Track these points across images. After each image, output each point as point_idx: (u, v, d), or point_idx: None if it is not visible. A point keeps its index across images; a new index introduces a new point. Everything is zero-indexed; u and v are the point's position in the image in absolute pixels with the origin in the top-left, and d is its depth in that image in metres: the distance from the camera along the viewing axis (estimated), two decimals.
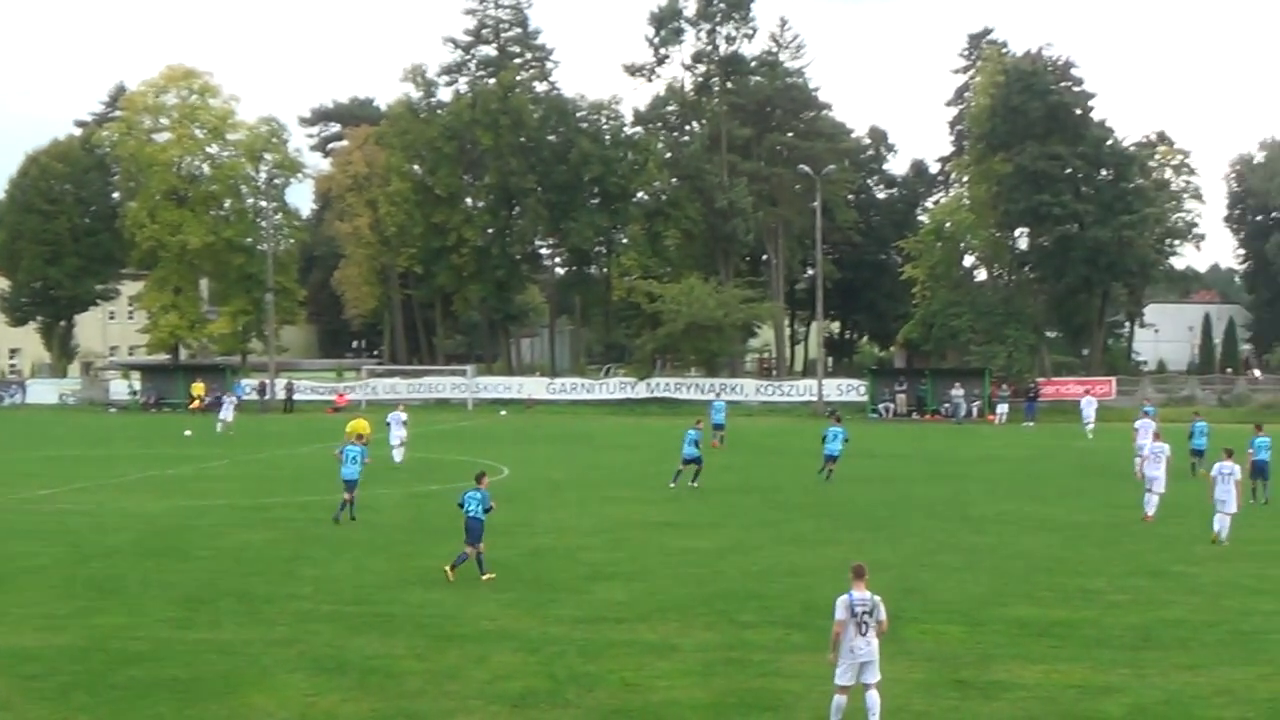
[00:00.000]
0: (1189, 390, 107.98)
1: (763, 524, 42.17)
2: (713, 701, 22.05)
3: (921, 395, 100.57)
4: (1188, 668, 24.25)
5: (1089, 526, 42.23)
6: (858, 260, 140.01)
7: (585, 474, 56.95)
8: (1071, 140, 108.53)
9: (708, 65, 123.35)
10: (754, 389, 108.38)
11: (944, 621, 27.98)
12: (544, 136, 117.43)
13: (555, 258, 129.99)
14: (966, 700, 22.27)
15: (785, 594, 30.70)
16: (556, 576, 32.71)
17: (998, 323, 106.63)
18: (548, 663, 24.30)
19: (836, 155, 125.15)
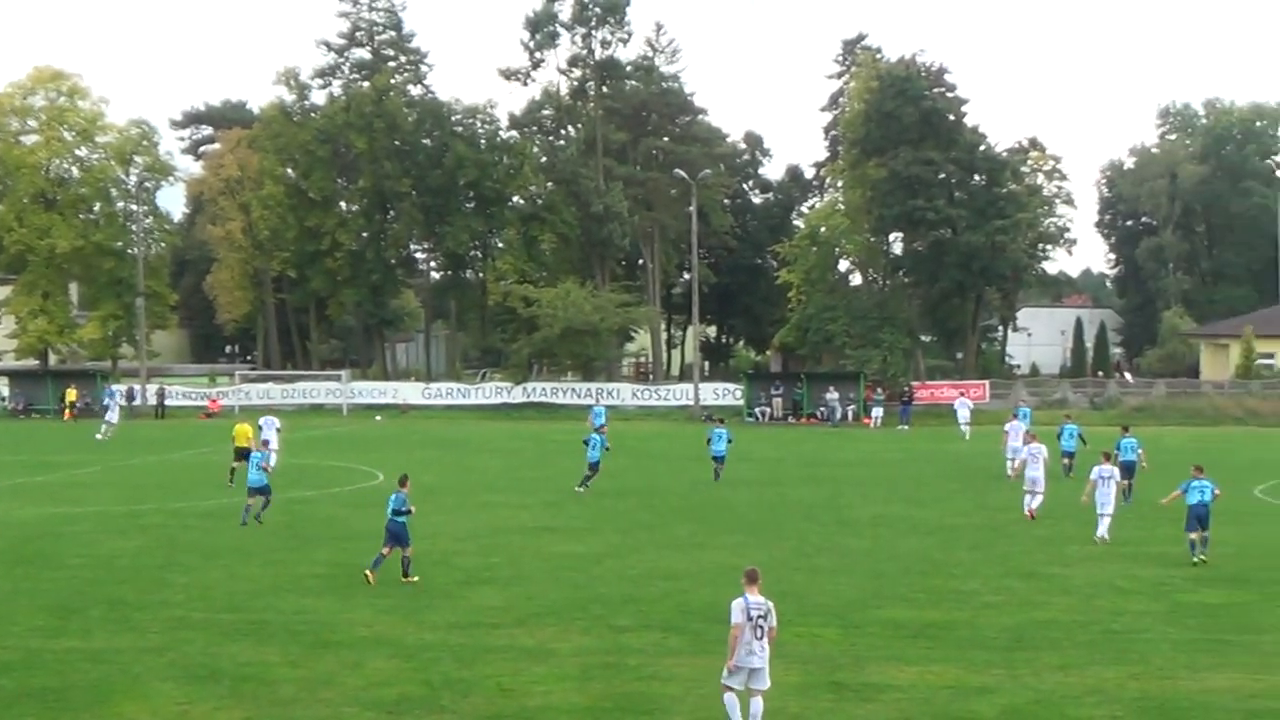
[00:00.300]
0: (1061, 393, 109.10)
1: (640, 528, 42.27)
2: (589, 706, 22.12)
3: (797, 399, 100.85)
4: (1060, 668, 24.58)
5: (963, 529, 42.62)
6: (733, 265, 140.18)
7: (461, 479, 56.82)
8: (945, 146, 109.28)
9: (583, 69, 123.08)
10: (630, 393, 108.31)
11: (819, 624, 28.17)
12: (419, 140, 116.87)
13: (430, 262, 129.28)
14: (842, 702, 22.44)
15: (662, 598, 30.81)
16: (432, 582, 32.62)
17: (872, 327, 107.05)
18: (423, 669, 24.29)
19: (712, 160, 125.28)
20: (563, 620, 28.39)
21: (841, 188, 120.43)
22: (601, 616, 28.78)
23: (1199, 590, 32.45)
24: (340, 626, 27.71)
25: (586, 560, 35.92)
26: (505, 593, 31.41)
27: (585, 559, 36.14)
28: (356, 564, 34.75)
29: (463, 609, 29.57)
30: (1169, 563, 36.13)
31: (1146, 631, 27.95)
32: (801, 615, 29.03)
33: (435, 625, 27.90)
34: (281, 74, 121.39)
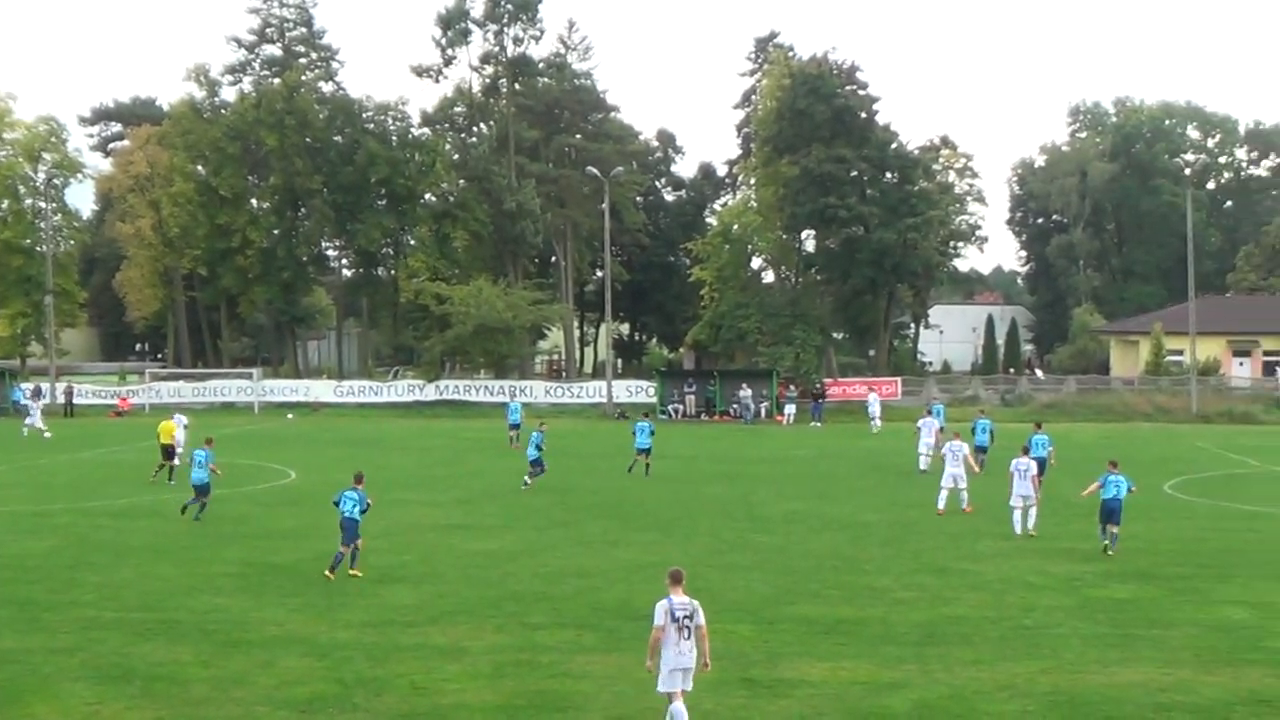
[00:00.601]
0: (973, 390, 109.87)
1: (553, 526, 42.23)
2: (502, 704, 22.07)
3: (710, 396, 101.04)
4: (971, 663, 24.71)
5: (875, 525, 42.77)
6: (646, 262, 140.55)
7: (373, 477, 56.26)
8: (857, 144, 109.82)
9: (495, 67, 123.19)
10: (543, 390, 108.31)
11: (733, 621, 28.21)
12: (330, 137, 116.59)
13: (342, 259, 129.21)
14: (755, 698, 22.49)
15: (575, 596, 30.79)
16: (344, 580, 32.45)
17: (785, 324, 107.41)
18: (336, 667, 24.19)
19: (625, 157, 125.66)
20: (476, 618, 28.32)
21: (754, 185, 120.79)
22: (515, 614, 28.72)
23: (1108, 585, 32.72)
24: (252, 625, 27.56)
25: (500, 558, 35.85)
26: (418, 591, 31.32)
27: (499, 556, 36.07)
28: (269, 562, 34.66)
29: (375, 607, 29.45)
30: (1079, 558, 36.41)
31: (1057, 627, 28.14)
32: (715, 612, 28.92)
33: (348, 624, 27.78)
34: (191, 70, 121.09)
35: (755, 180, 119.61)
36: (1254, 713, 22.14)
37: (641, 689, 22.94)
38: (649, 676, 23.53)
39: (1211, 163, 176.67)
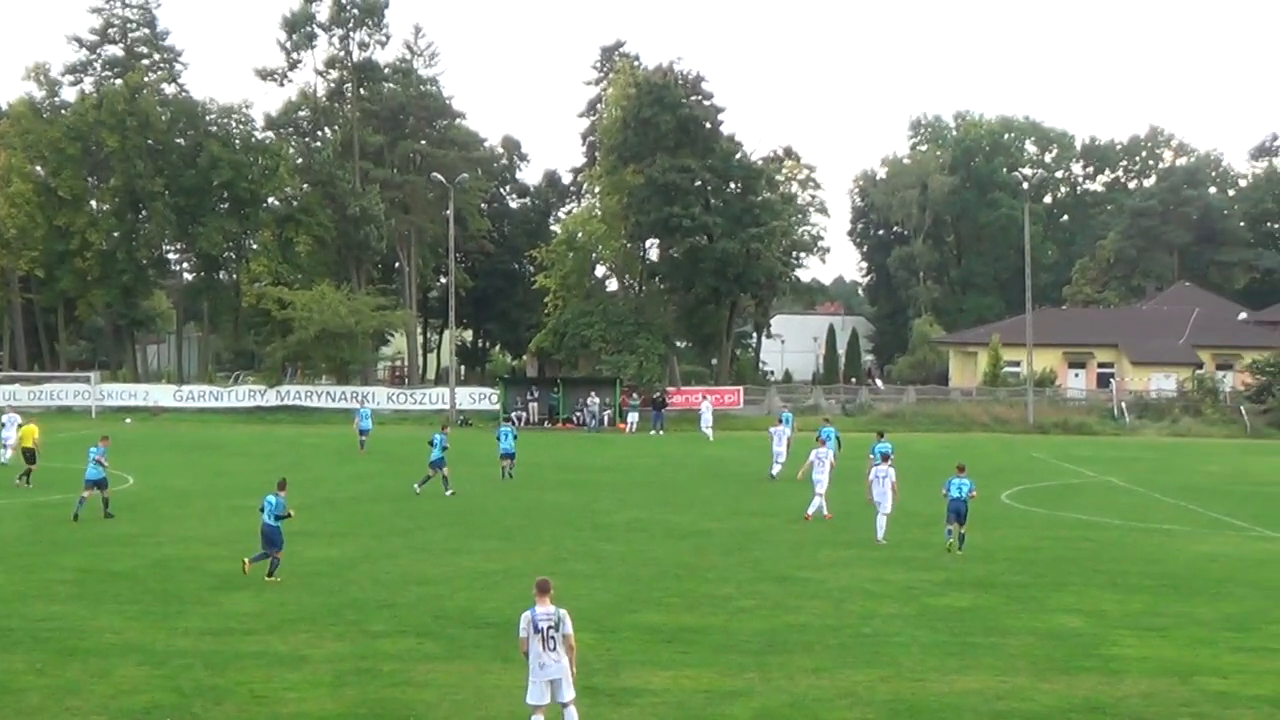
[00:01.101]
0: (814, 400, 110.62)
1: (395, 533, 42.02)
2: (343, 712, 21.94)
3: (553, 404, 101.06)
4: (812, 671, 24.85)
5: (717, 534, 42.92)
6: (490, 269, 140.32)
7: (213, 483, 56.07)
8: (701, 154, 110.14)
9: (341, 71, 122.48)
10: (386, 397, 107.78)
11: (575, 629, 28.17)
12: (172, 140, 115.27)
13: (184, 263, 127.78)
14: (597, 706, 22.45)
15: (417, 603, 30.65)
16: (183, 588, 32.15)
17: (629, 332, 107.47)
18: (173, 676, 23.89)
19: (470, 164, 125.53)
20: (317, 626, 28.11)
21: (598, 194, 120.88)
22: (356, 622, 28.55)
23: (947, 594, 33.05)
24: (88, 633, 27.16)
25: (341, 565, 35.62)
26: (258, 598, 31.02)
27: (339, 564, 35.83)
28: (106, 569, 34.23)
29: (215, 615, 29.16)
30: (918, 567, 36.78)
31: (897, 635, 28.38)
32: None
33: (186, 631, 27.46)
34: (31, 70, 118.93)
35: (600, 188, 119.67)
36: (1088, 719, 22.45)
37: (483, 697, 22.93)
38: (491, 684, 23.68)
39: (1049, 177, 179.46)
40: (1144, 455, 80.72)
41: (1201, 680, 25.15)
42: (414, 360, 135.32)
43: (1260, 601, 33.19)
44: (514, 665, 24.79)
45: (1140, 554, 40.64)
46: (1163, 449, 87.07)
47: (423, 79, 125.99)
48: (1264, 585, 35.48)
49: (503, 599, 31.28)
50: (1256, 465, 74.97)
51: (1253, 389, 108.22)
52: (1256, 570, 38.02)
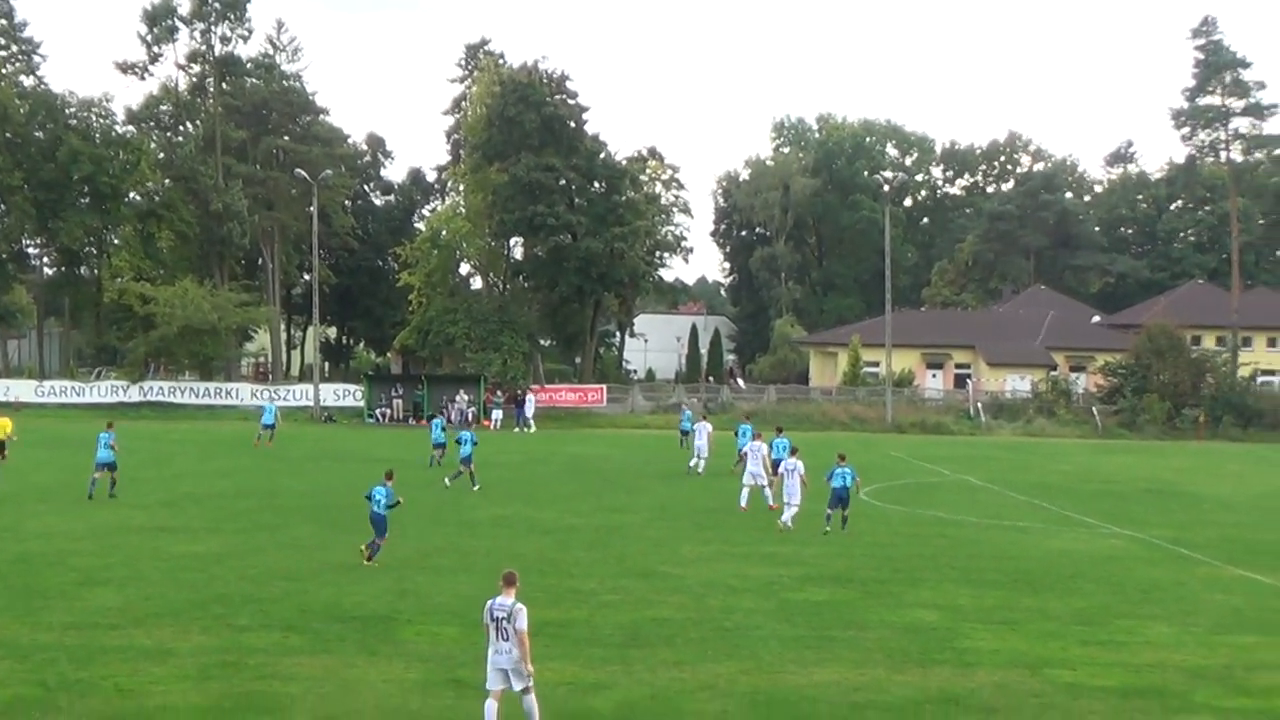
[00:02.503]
0: (676, 398, 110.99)
1: (260, 529, 41.86)
2: (209, 705, 21.95)
3: (418, 401, 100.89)
4: (674, 664, 25.12)
5: (580, 529, 43.12)
6: (354, 266, 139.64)
7: (76, 478, 55.46)
8: (566, 153, 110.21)
9: (203, 65, 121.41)
10: (250, 393, 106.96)
11: (439, 623, 28.35)
12: (31, 133, 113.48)
13: (44, 257, 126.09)
14: (462, 699, 22.61)
15: (282, 598, 30.64)
16: (46, 582, 31.95)
17: (493, 330, 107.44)
18: (38, 670, 23.82)
19: (334, 160, 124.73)
20: (181, 620, 28.04)
21: (463, 191, 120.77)
22: (221, 616, 28.50)
23: (806, 589, 33.43)
24: None
25: (206, 560, 35.49)
26: (122, 593, 30.88)
27: (205, 559, 35.70)
28: None
29: (79, 609, 29.00)
30: (778, 562, 37.14)
31: (757, 629, 28.70)
32: (422, 614, 29.23)
33: (50, 626, 27.32)
34: None
35: (464, 186, 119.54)
36: (943, 711, 22.87)
37: (348, 689, 23.05)
38: (357, 677, 23.87)
39: (909, 180, 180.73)
40: (998, 454, 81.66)
41: (1051, 672, 25.69)
42: (278, 357, 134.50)
43: (1108, 596, 33.85)
44: (379, 658, 25.21)
45: (994, 550, 41.24)
46: (1017, 448, 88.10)
47: (285, 74, 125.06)
48: (1111, 581, 36.16)
49: (367, 594, 31.35)
50: (1106, 464, 76.04)
51: (1104, 390, 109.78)
52: (1105, 566, 38.71)
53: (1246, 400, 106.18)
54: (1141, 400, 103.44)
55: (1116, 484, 64.72)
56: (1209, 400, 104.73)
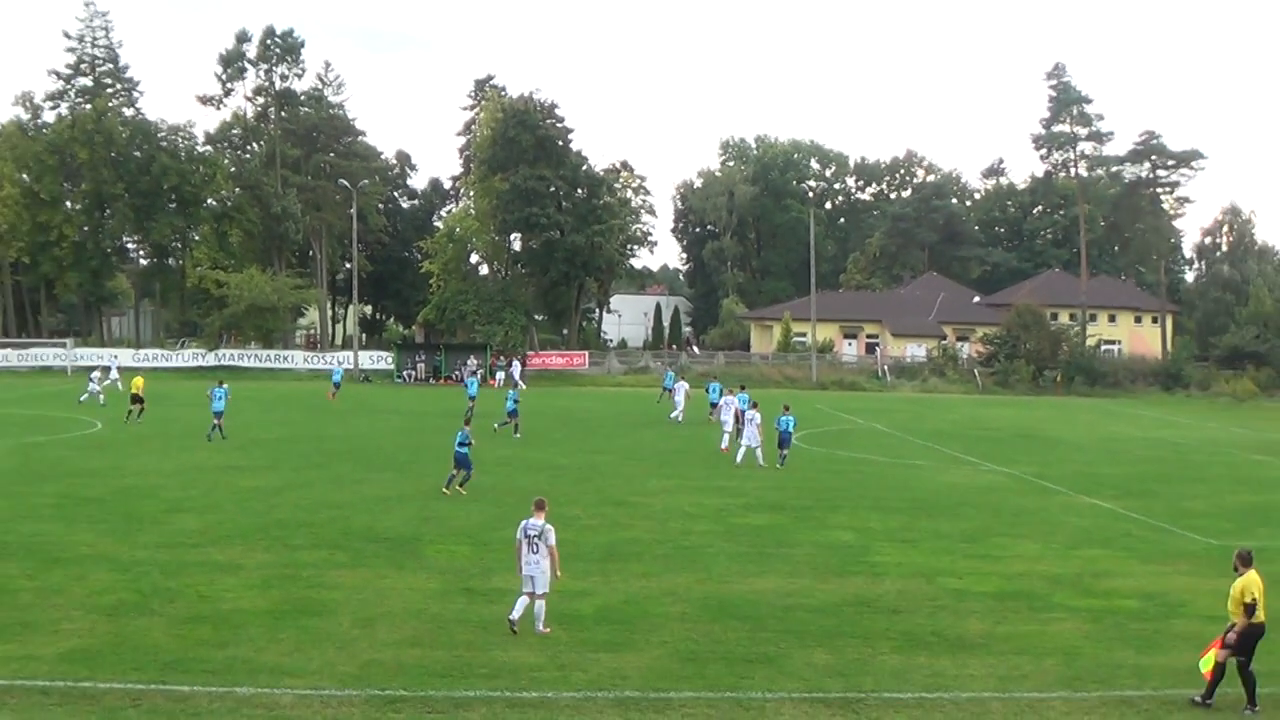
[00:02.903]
0: (644, 362, 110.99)
1: (310, 467, 41.66)
2: (271, 608, 21.85)
3: (437, 364, 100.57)
4: (642, 575, 25.09)
5: (568, 468, 43.00)
6: (386, 256, 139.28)
7: (165, 428, 55.18)
8: (555, 165, 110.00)
9: (266, 97, 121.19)
10: (302, 359, 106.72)
11: (455, 543, 28.25)
12: (131, 152, 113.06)
13: (140, 251, 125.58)
14: (472, 604, 22.58)
15: (329, 523, 30.50)
16: (141, 510, 31.78)
17: (497, 308, 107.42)
18: (136, 580, 23.70)
19: (370, 172, 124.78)
20: (248, 540, 27.90)
21: (473, 197, 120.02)
22: (280, 537, 28.36)
23: (748, 515, 33.37)
24: (68, 546, 26.78)
25: (267, 492, 35.30)
26: (201, 518, 30.70)
27: (266, 491, 35.51)
28: (80, 495, 33.80)
29: (167, 532, 28.83)
30: (727, 495, 37.07)
31: (709, 547, 28.62)
32: (441, 536, 29.10)
33: (145, 544, 27.16)
34: (18, 97, 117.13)
35: (474, 193, 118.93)
36: (857, 612, 22.84)
37: (381, 596, 22.95)
38: (388, 586, 23.86)
39: (829, 188, 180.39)
40: (901, 407, 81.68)
41: (943, 580, 25.71)
42: (325, 329, 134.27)
43: (987, 520, 33.87)
44: (406, 571, 25.15)
45: (897, 483, 41.23)
46: (915, 402, 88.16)
47: (332, 104, 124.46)
48: (990, 507, 36.19)
49: (397, 519, 31.21)
50: (985, 415, 76.13)
51: (984, 356, 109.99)
52: (984, 495, 38.74)
53: (1093, 364, 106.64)
54: (1012, 364, 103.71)
55: (993, 430, 64.82)
56: (1064, 364, 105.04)
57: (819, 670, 19.16)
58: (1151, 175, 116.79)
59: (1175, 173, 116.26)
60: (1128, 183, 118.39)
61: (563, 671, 18.66)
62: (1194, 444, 60.14)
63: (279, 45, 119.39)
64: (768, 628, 21.57)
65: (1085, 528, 33.08)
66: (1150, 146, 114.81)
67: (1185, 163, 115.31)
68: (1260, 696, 17.98)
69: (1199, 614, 23.34)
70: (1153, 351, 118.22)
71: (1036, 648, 20.81)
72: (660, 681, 18.30)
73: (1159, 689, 18.75)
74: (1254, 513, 36.90)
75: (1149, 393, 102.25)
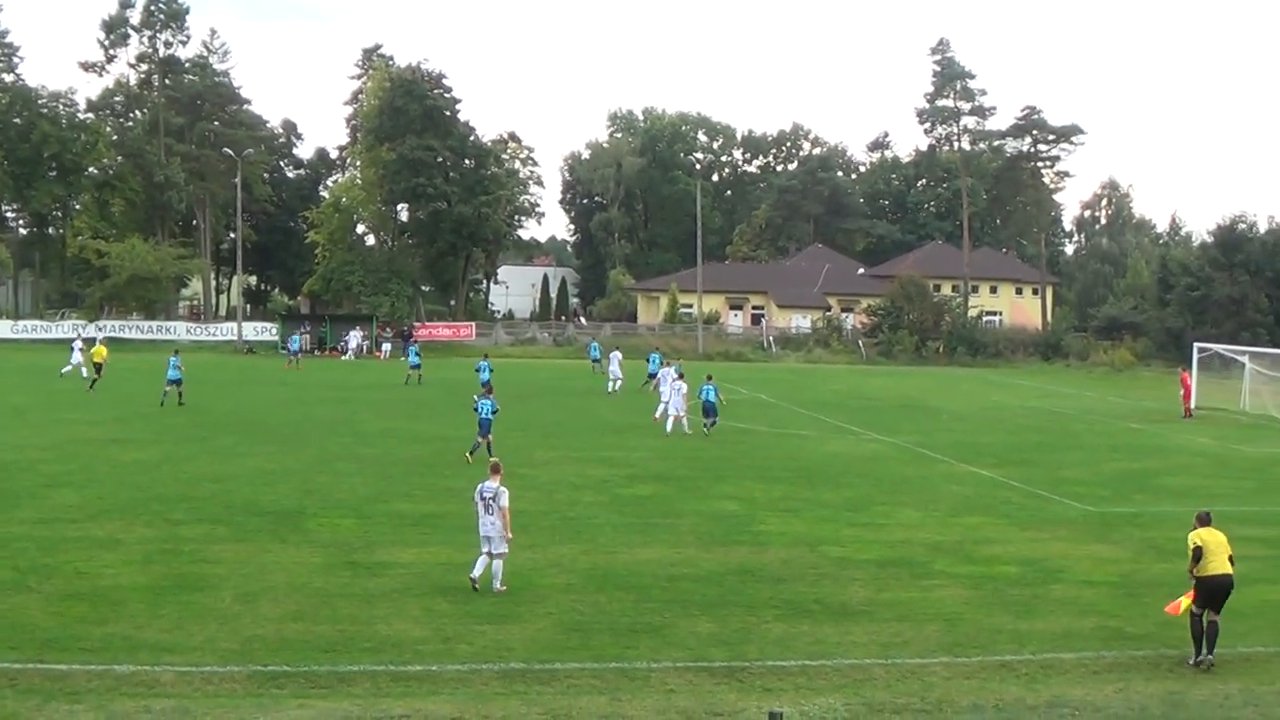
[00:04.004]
0: (531, 334, 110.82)
1: (191, 440, 41.12)
2: (151, 584, 21.59)
3: (322, 336, 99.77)
4: (529, 547, 24.95)
5: (453, 440, 42.72)
6: (271, 226, 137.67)
7: (45, 400, 54.25)
8: (442, 135, 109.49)
9: (149, 65, 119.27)
10: (185, 330, 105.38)
11: (339, 516, 28.06)
12: (10, 119, 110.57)
13: (19, 220, 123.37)
14: (357, 578, 22.43)
15: (210, 497, 30.15)
16: (18, 485, 31.20)
17: (383, 279, 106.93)
18: (12, 557, 23.26)
19: (255, 141, 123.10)
20: (128, 516, 27.49)
21: (359, 166, 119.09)
22: (160, 512, 27.99)
23: (633, 485, 33.45)
24: None
25: (148, 466, 34.83)
26: (81, 493, 30.20)
27: (147, 465, 35.03)
28: None
29: (45, 507, 28.33)
30: (612, 465, 37.14)
31: (594, 518, 28.67)
32: (324, 509, 28.89)
33: (22, 520, 26.67)
34: None
35: (361, 162, 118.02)
36: (741, 581, 22.99)
37: (264, 570, 22.77)
38: (271, 560, 23.75)
39: (716, 160, 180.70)
40: (786, 377, 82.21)
41: (825, 548, 25.93)
42: (208, 300, 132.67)
43: (869, 489, 34.21)
44: (289, 545, 24.97)
45: (781, 453, 41.55)
46: (800, 373, 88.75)
47: (217, 72, 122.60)
48: (872, 476, 36.57)
49: (279, 493, 30.92)
50: (868, 385, 76.81)
51: (868, 327, 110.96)
52: (867, 465, 39.13)
53: (975, 335, 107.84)
54: (896, 334, 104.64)
55: (876, 400, 65.45)
56: (947, 335, 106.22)
57: (704, 639, 19.25)
58: (1033, 150, 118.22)
59: (1055, 147, 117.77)
60: (1009, 157, 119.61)
61: (447, 644, 18.60)
62: (1072, 413, 61.12)
63: (163, 11, 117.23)
64: (653, 598, 21.65)
65: (966, 495, 33.51)
66: (1031, 121, 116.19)
67: (1065, 137, 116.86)
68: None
69: (1076, 579, 23.81)
70: (1033, 322, 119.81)
71: (918, 614, 21.07)
72: (545, 653, 18.30)
73: (1037, 653, 19.05)
74: (1130, 479, 37.59)
75: (1029, 363, 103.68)
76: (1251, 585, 22.38)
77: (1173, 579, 22.99)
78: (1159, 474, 39.14)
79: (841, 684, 17.39)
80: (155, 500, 29.51)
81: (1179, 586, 20.37)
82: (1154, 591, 22.45)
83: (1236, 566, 19.03)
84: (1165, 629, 20.15)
